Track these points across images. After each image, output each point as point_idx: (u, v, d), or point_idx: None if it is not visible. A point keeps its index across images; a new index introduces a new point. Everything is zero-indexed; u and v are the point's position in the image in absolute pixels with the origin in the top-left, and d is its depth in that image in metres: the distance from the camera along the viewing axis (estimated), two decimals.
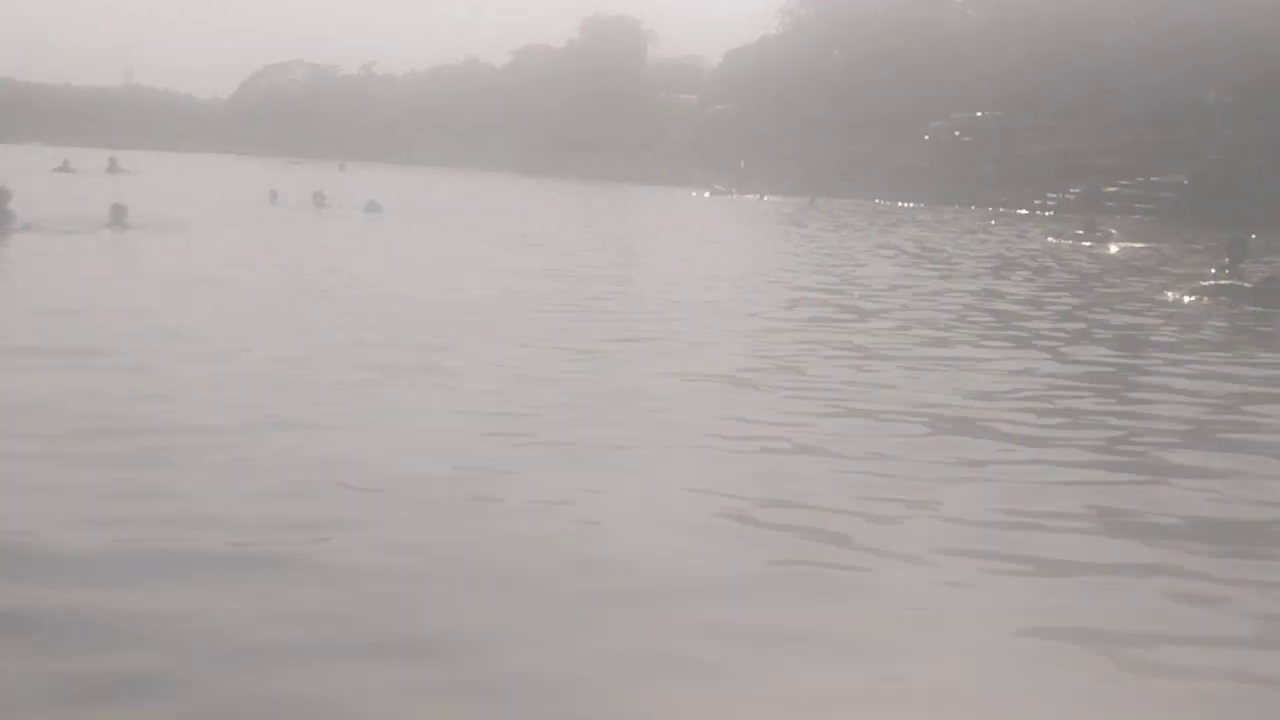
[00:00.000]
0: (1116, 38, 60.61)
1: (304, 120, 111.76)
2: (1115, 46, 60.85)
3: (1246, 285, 17.43)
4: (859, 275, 20.48)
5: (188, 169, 61.03)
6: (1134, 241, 32.44)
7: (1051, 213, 51.32)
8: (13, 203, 21.28)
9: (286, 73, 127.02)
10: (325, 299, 14.41)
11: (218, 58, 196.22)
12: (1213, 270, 20.27)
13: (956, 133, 67.68)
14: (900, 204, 58.57)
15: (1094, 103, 61.04)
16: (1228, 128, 52.00)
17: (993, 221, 43.96)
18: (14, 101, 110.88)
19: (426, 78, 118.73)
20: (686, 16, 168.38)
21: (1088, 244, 31.55)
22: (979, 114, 67.27)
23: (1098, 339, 13.62)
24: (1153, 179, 51.74)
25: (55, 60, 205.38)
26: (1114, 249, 30.59)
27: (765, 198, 60.66)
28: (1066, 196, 53.90)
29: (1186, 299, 17.85)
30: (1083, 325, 14.86)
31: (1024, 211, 53.14)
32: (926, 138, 69.30)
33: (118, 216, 23.20)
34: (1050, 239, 33.73)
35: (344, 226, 28.38)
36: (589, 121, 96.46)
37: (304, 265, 18.82)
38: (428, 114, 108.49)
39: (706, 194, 63.64)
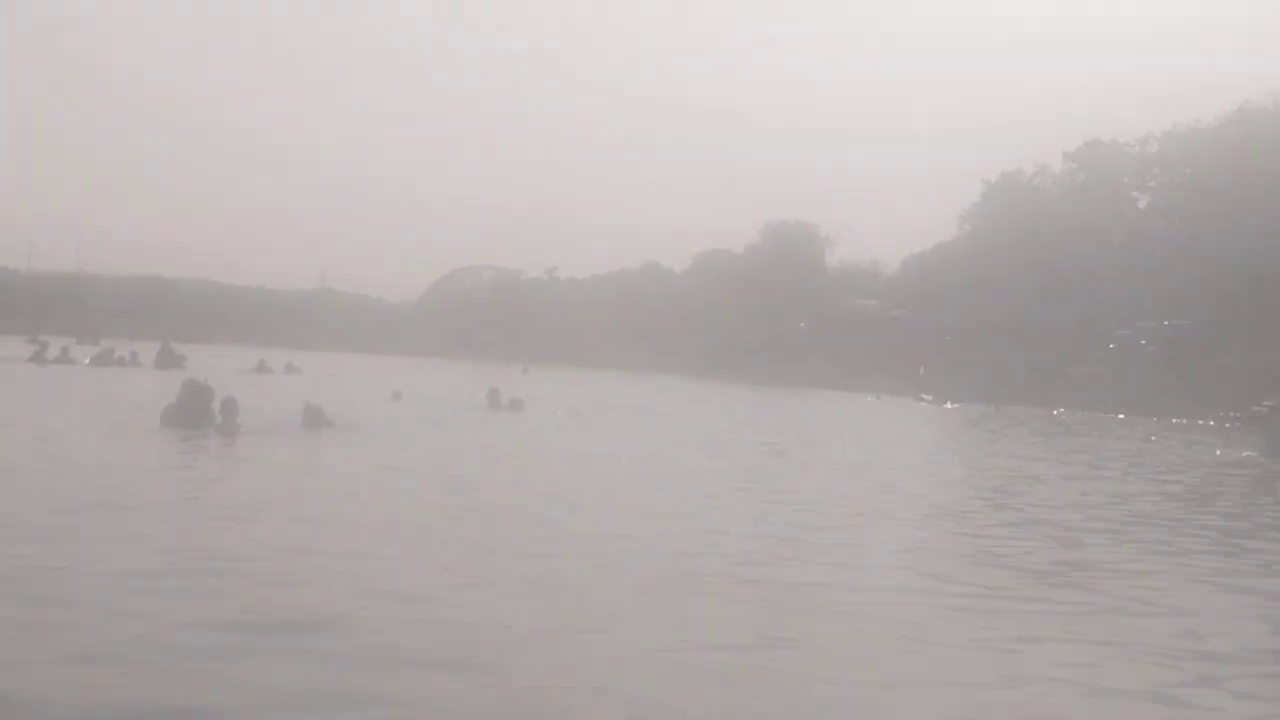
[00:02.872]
0: None
1: (489, 322, 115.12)
2: None
3: None
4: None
5: (375, 370, 62.96)
6: None
7: (1238, 426, 50.02)
8: (215, 402, 21.95)
9: (473, 276, 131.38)
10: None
11: (407, 261, 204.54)
12: None
13: (1143, 342, 66.74)
14: (1083, 414, 57.64)
15: None
16: None
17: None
18: (215, 303, 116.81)
19: (608, 280, 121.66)
20: (864, 222, 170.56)
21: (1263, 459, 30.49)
22: (1166, 323, 66.24)
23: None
24: None
25: (253, 262, 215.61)
26: None
27: (950, 405, 60.60)
28: (1256, 408, 52.42)
29: None
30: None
31: (1210, 423, 51.84)
32: (1111, 346, 68.47)
33: (312, 418, 23.45)
34: (1217, 451, 32.91)
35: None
36: (768, 325, 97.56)
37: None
38: (609, 317, 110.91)
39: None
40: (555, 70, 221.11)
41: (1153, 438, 40.63)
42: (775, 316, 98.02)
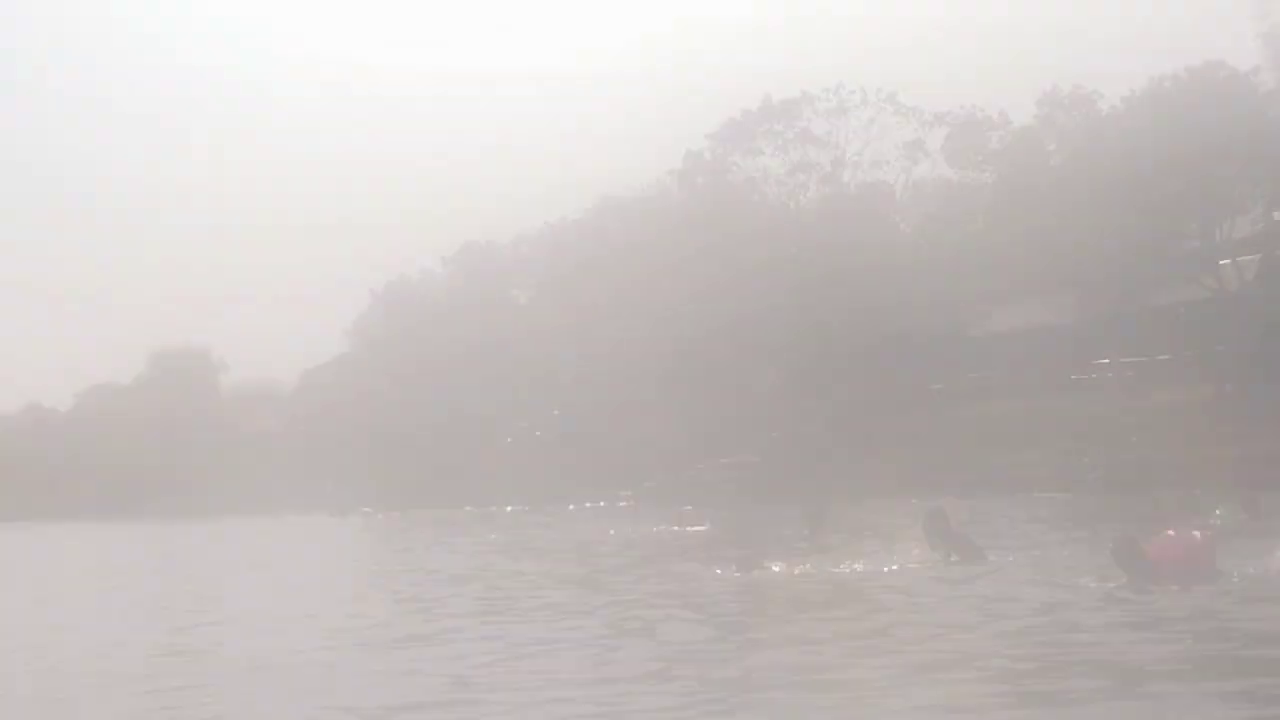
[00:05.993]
0: (679, 323, 62.43)
1: None
2: (679, 332, 62.65)
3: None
4: None
5: None
6: (702, 524, 32.76)
7: (630, 502, 52.33)
8: None
9: None
10: None
11: None
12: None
13: (537, 433, 68.72)
14: (493, 508, 58.00)
15: (663, 390, 62.75)
16: (788, 406, 54.99)
17: (570, 510, 43.83)
18: None
19: None
20: (258, 341, 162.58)
21: (661, 528, 32.02)
22: (555, 412, 68.46)
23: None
24: (724, 460, 53.51)
25: None
26: (689, 530, 31.06)
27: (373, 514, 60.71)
28: (647, 484, 54.96)
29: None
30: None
31: (602, 504, 53.75)
32: (510, 440, 70.01)
33: None
34: (610, 530, 33.64)
35: None
36: (165, 457, 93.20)
37: None
38: None
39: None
40: None
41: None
42: (173, 446, 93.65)
